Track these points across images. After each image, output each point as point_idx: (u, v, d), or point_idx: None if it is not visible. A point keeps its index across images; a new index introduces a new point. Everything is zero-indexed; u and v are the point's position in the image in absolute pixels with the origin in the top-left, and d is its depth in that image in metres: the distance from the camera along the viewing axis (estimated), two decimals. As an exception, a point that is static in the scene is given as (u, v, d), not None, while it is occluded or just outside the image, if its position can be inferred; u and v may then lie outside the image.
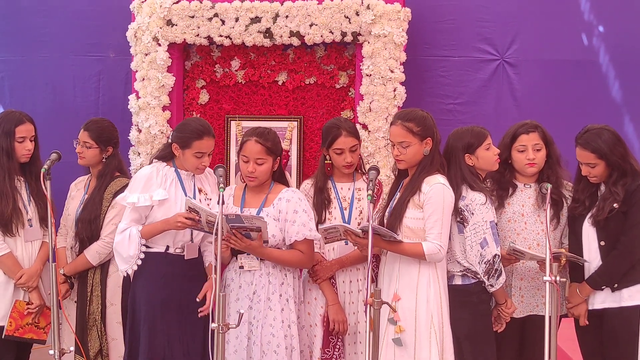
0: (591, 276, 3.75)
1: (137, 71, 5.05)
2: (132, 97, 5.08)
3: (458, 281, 3.65)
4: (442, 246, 3.49)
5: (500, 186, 3.87)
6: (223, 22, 4.96)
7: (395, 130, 3.60)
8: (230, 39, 4.98)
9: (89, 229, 4.03)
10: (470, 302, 3.62)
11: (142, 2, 5.01)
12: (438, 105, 5.28)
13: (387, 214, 3.66)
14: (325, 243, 3.79)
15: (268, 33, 4.94)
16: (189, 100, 5.24)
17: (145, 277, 3.80)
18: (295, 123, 5.14)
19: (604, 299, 3.74)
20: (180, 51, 5.14)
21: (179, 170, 3.87)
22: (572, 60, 5.29)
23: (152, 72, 5.00)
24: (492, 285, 3.59)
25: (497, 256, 3.57)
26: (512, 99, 5.31)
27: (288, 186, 3.86)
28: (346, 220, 3.87)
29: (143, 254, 3.74)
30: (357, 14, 4.86)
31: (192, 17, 4.97)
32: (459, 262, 3.64)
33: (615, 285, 3.70)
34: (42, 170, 3.62)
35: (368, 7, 4.84)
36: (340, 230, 3.59)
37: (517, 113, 5.14)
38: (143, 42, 4.99)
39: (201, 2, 4.97)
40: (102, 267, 4.06)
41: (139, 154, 5.05)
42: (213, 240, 3.44)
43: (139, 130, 5.05)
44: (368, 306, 3.17)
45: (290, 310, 3.70)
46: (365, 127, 4.85)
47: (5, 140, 4.00)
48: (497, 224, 3.70)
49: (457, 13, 5.33)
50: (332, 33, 4.89)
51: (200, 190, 3.88)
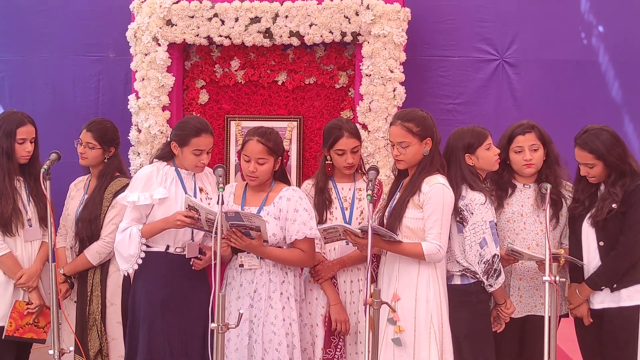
0: (590, 277, 3.75)
1: (136, 71, 5.05)
2: (131, 97, 5.09)
3: (457, 281, 3.65)
4: (442, 246, 3.49)
5: (499, 186, 3.87)
6: (223, 22, 4.96)
7: (394, 130, 3.60)
8: (230, 39, 4.98)
9: (89, 228, 4.04)
10: (469, 302, 3.62)
11: (142, 2, 5.01)
12: (438, 105, 5.27)
13: (387, 214, 3.66)
14: (325, 243, 3.79)
15: (268, 33, 4.94)
16: (188, 100, 5.24)
17: (145, 277, 3.81)
18: (295, 123, 5.14)
19: (603, 299, 3.74)
20: (180, 51, 5.14)
21: (179, 169, 3.87)
22: (572, 60, 5.28)
23: (152, 72, 5.00)
24: (491, 285, 3.59)
25: (496, 256, 3.57)
26: (511, 99, 5.30)
27: (289, 184, 3.86)
28: (347, 221, 3.87)
29: (144, 253, 3.74)
30: (357, 14, 4.85)
31: (192, 17, 4.97)
32: (458, 262, 3.64)
33: (615, 285, 3.70)
34: (42, 170, 3.62)
35: (368, 7, 4.84)
36: (340, 231, 3.59)
37: (517, 113, 5.13)
38: (143, 42, 4.99)
39: (201, 2, 4.97)
40: (102, 267, 4.06)
41: (139, 154, 5.05)
42: (212, 238, 3.44)
43: (139, 130, 5.05)
44: (367, 306, 3.18)
45: (291, 308, 3.70)
46: (364, 127, 4.85)
47: (6, 141, 4.01)
48: (497, 224, 3.70)
49: (457, 13, 5.32)
50: (332, 33, 4.89)
51: (201, 190, 3.89)
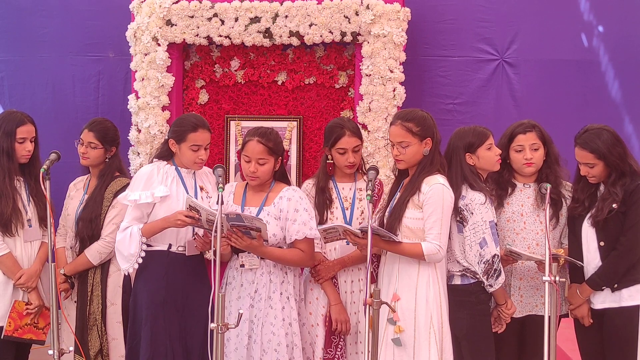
0: (591, 277, 3.75)
1: (136, 71, 5.05)
2: (131, 97, 5.09)
3: (457, 281, 3.65)
4: (442, 246, 3.49)
5: (499, 185, 3.87)
6: (222, 22, 4.96)
7: (394, 130, 3.60)
8: (230, 39, 4.98)
9: (90, 227, 4.04)
10: (469, 302, 3.62)
11: (142, 2, 5.01)
12: (438, 105, 5.28)
13: (387, 214, 3.66)
14: (325, 243, 3.79)
15: (267, 33, 4.94)
16: (188, 100, 5.24)
17: (147, 276, 3.81)
18: (294, 123, 5.14)
19: (604, 299, 3.74)
20: (179, 51, 5.14)
21: (179, 168, 3.88)
22: (572, 60, 5.29)
23: (152, 72, 5.00)
24: (491, 285, 3.58)
25: (496, 256, 3.57)
26: (511, 99, 5.30)
27: (289, 184, 3.86)
28: (348, 221, 3.87)
29: (144, 252, 3.74)
30: (357, 13, 4.85)
31: (192, 17, 4.97)
32: (458, 262, 3.63)
33: (615, 285, 3.70)
34: (42, 170, 3.62)
35: (368, 7, 4.83)
36: (340, 231, 3.59)
37: (516, 113, 5.14)
38: (142, 42, 4.99)
39: (201, 2, 4.96)
40: (103, 266, 4.06)
41: (139, 154, 5.06)
42: (212, 238, 3.44)
43: (139, 130, 5.05)
44: (367, 306, 3.18)
45: (291, 308, 3.70)
46: (364, 127, 4.85)
47: (6, 141, 4.01)
48: (497, 224, 3.70)
49: (457, 13, 5.33)
50: (332, 33, 4.89)
51: (201, 188, 3.89)
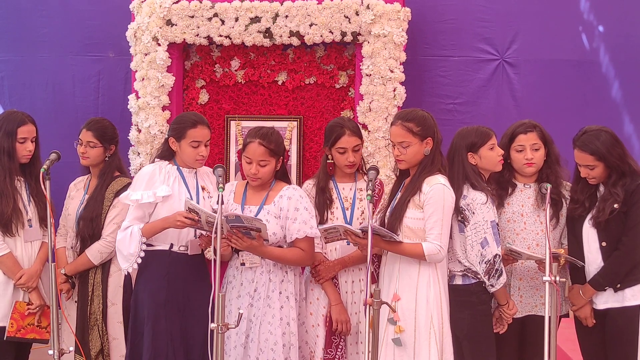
0: (594, 278, 3.75)
1: (136, 71, 5.05)
2: (131, 97, 5.09)
3: (459, 281, 3.65)
4: (442, 247, 3.49)
5: (500, 186, 3.87)
6: (223, 22, 4.96)
7: (395, 130, 3.59)
8: (230, 38, 4.98)
9: (91, 227, 4.04)
10: (470, 302, 3.62)
11: (142, 2, 5.01)
12: (438, 105, 5.27)
13: (388, 214, 3.66)
14: (326, 243, 3.79)
15: (268, 33, 4.94)
16: (188, 100, 5.24)
17: (148, 276, 3.82)
18: (295, 123, 5.14)
19: (607, 299, 3.74)
20: (180, 51, 5.14)
21: (181, 168, 3.88)
22: (572, 60, 5.28)
23: (152, 72, 5.00)
24: (492, 286, 3.58)
25: (497, 256, 3.57)
26: (511, 99, 5.30)
27: (290, 184, 3.86)
28: (348, 221, 3.87)
29: (144, 252, 3.74)
30: (357, 13, 4.85)
31: (192, 17, 4.97)
32: (460, 262, 3.63)
33: (618, 285, 3.70)
34: (42, 170, 3.62)
35: (368, 7, 4.83)
36: (340, 231, 3.58)
37: (516, 113, 5.13)
38: (143, 42, 4.99)
39: (201, 2, 4.96)
40: (103, 266, 4.05)
41: (139, 154, 5.05)
42: (212, 239, 3.44)
43: (139, 130, 5.05)
44: (367, 306, 3.18)
45: (290, 307, 3.70)
46: (365, 127, 4.85)
47: (7, 141, 4.01)
48: (498, 224, 3.70)
49: (457, 13, 5.32)
50: (332, 33, 4.89)
51: (203, 188, 3.89)
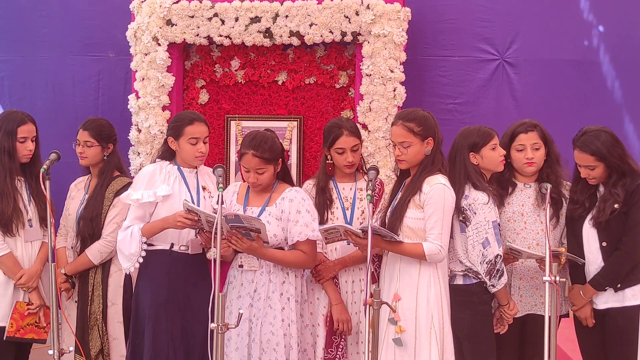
0: (594, 278, 3.75)
1: (136, 71, 5.05)
2: (131, 97, 5.09)
3: (459, 281, 3.65)
4: (443, 246, 3.49)
5: (500, 185, 3.87)
6: (223, 22, 4.96)
7: (396, 130, 3.59)
8: (230, 38, 4.98)
9: (91, 226, 4.04)
10: (470, 302, 3.62)
11: (142, 2, 5.01)
12: (438, 105, 5.27)
13: (388, 213, 3.66)
14: (326, 243, 3.79)
15: (268, 33, 4.94)
16: (188, 100, 5.24)
17: (149, 275, 3.82)
18: (295, 123, 5.14)
19: (607, 300, 3.74)
20: (180, 51, 5.14)
21: (182, 168, 3.89)
22: (572, 60, 5.28)
23: (152, 72, 5.00)
24: (493, 286, 3.58)
25: (499, 256, 3.57)
26: (512, 99, 5.30)
27: (292, 184, 3.86)
28: (348, 221, 3.87)
29: (144, 252, 3.75)
30: (357, 13, 4.85)
31: (192, 17, 4.97)
32: (461, 262, 3.63)
33: (619, 285, 3.70)
34: (42, 170, 3.62)
35: (368, 7, 4.83)
36: (341, 231, 3.58)
37: (517, 113, 5.13)
38: (143, 42, 4.99)
39: (201, 2, 4.96)
40: (104, 266, 4.05)
41: (139, 153, 5.05)
42: (212, 240, 3.44)
43: (139, 130, 5.05)
44: (367, 306, 3.18)
45: (291, 309, 3.69)
46: (365, 127, 4.85)
47: (7, 140, 4.01)
48: (499, 224, 3.69)
49: (457, 13, 5.32)
50: (332, 33, 4.89)
51: (204, 188, 3.90)
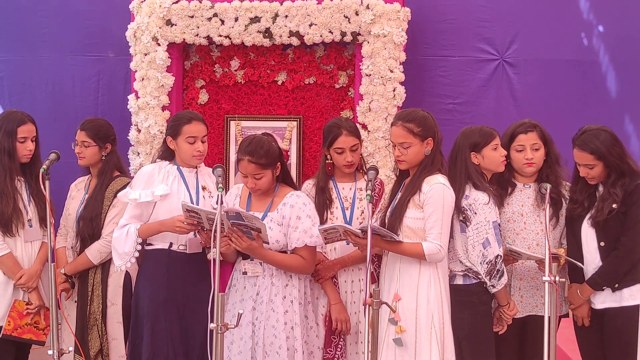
0: (592, 277, 3.75)
1: (136, 71, 5.05)
2: (131, 97, 5.09)
3: (459, 281, 3.64)
4: (442, 246, 3.49)
5: (499, 185, 3.87)
6: (222, 22, 4.96)
7: (396, 131, 3.59)
8: (230, 38, 4.98)
9: (90, 226, 4.04)
10: (470, 303, 3.62)
11: (142, 2, 5.01)
12: (438, 105, 5.27)
13: (388, 213, 3.66)
14: (326, 243, 3.78)
15: (267, 33, 4.94)
16: (188, 100, 5.24)
17: (148, 275, 3.83)
18: (294, 123, 5.14)
19: (605, 299, 3.74)
20: (179, 51, 5.14)
21: (181, 167, 3.89)
22: (572, 60, 5.28)
23: (152, 72, 5.00)
24: (493, 286, 3.58)
25: (499, 256, 3.56)
26: (512, 99, 5.30)
27: (293, 185, 3.86)
28: (348, 221, 3.87)
29: (138, 252, 3.77)
30: (357, 13, 4.85)
31: (192, 17, 4.97)
32: (461, 262, 3.63)
33: (616, 285, 3.70)
34: (41, 170, 3.63)
35: (368, 7, 4.83)
36: (340, 231, 3.58)
37: (516, 113, 5.13)
38: (142, 42, 4.99)
39: (200, 2, 4.96)
40: (103, 266, 4.05)
41: (139, 153, 5.06)
42: (212, 239, 3.44)
43: (139, 130, 5.05)
44: (367, 306, 3.18)
45: (294, 312, 3.69)
46: (364, 127, 4.85)
47: (7, 140, 4.02)
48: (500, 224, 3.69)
49: (457, 13, 5.32)
50: (332, 33, 4.89)
51: (204, 188, 3.90)
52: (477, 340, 3.62)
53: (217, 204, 3.33)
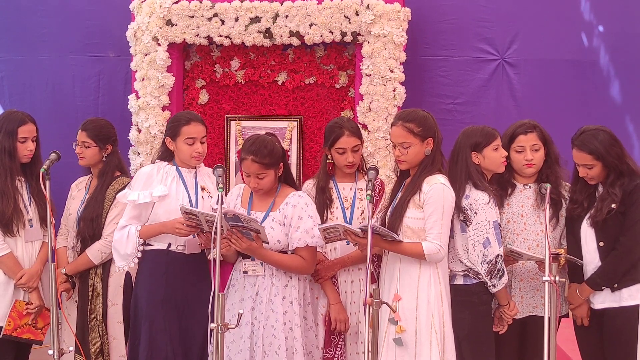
0: (591, 277, 3.75)
1: (136, 71, 5.05)
2: (131, 97, 5.09)
3: (460, 281, 3.65)
4: (442, 246, 3.49)
5: (499, 186, 3.87)
6: (223, 22, 4.96)
7: (396, 131, 3.59)
8: (230, 38, 4.98)
9: (91, 227, 4.04)
10: (470, 302, 3.62)
11: (142, 2, 5.01)
12: (438, 105, 5.27)
13: (388, 213, 3.66)
14: (326, 243, 3.78)
15: (268, 33, 4.95)
16: (188, 100, 5.24)
17: (146, 275, 3.83)
18: (295, 123, 5.14)
19: (604, 299, 3.74)
20: (180, 51, 5.14)
21: (180, 168, 3.89)
22: (572, 60, 5.28)
23: (152, 72, 5.00)
24: (494, 286, 3.58)
25: (499, 256, 3.56)
26: (512, 99, 5.30)
27: (295, 185, 3.86)
28: (348, 220, 3.87)
29: (140, 253, 3.77)
30: (357, 13, 4.86)
31: (192, 17, 4.97)
32: (461, 262, 3.63)
33: (615, 285, 3.70)
34: (41, 170, 3.63)
35: (368, 7, 4.84)
36: (340, 230, 3.58)
37: (516, 113, 5.13)
38: (143, 42, 4.99)
39: (201, 2, 4.97)
40: (104, 266, 4.06)
41: (139, 153, 5.06)
42: (212, 239, 3.44)
43: (139, 130, 5.05)
44: (367, 306, 3.18)
45: (294, 312, 3.69)
46: (365, 127, 4.85)
47: (8, 140, 4.02)
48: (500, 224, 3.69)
49: (457, 13, 5.32)
50: (332, 33, 4.89)
51: (203, 188, 3.90)
52: (478, 340, 3.62)
53: (217, 204, 3.34)
